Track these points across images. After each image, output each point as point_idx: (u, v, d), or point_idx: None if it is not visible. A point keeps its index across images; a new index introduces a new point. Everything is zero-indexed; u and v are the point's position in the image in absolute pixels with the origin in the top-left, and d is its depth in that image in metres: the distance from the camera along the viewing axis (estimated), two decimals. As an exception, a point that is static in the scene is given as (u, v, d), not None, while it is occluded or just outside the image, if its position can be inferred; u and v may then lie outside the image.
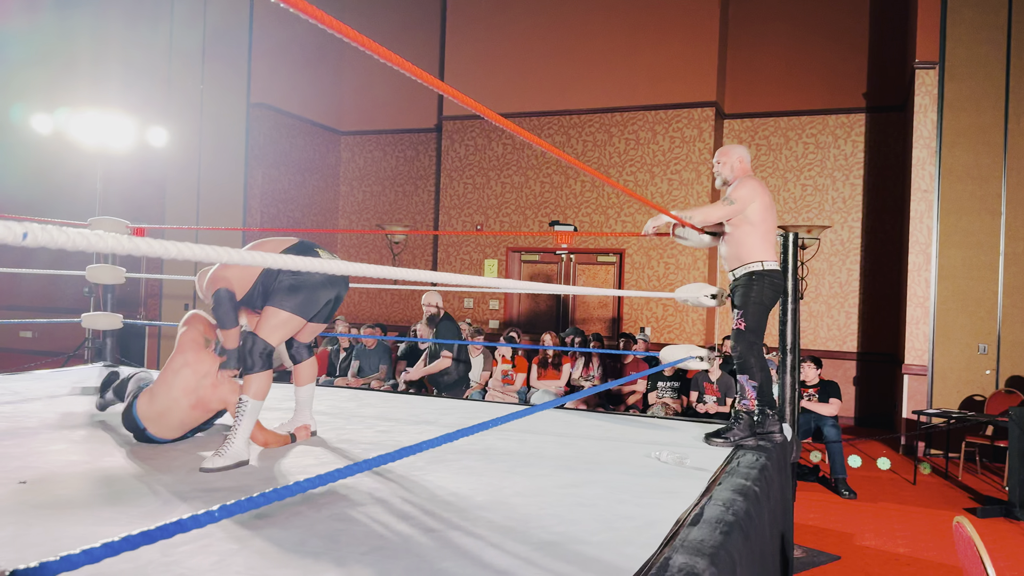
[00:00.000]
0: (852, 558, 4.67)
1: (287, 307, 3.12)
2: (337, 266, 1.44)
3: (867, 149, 9.71)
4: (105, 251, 0.83)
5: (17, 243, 0.73)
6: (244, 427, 2.99)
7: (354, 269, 1.47)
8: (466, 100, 1.74)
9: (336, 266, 1.44)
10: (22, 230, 0.72)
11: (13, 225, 0.71)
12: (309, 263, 1.34)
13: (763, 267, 3.66)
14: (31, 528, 2.11)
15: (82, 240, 0.78)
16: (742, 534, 2.44)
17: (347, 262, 1.52)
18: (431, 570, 1.89)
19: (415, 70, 1.51)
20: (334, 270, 1.41)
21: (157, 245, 0.89)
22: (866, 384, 9.63)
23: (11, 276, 12.71)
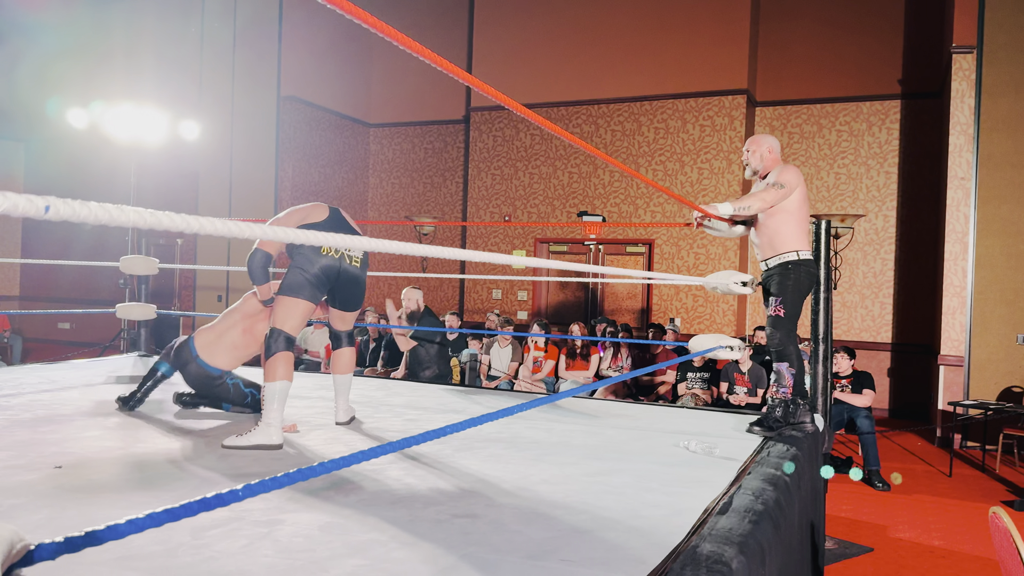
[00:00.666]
0: (885, 550, 4.61)
1: (292, 293, 3.27)
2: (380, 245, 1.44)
3: (902, 136, 9.52)
4: (127, 224, 0.84)
5: (40, 216, 0.74)
6: (270, 410, 3.06)
7: (396, 247, 1.46)
8: (493, 92, 1.73)
9: (380, 245, 1.44)
10: (44, 203, 0.72)
11: (35, 199, 0.72)
12: (341, 240, 1.34)
13: (798, 256, 3.61)
14: (65, 511, 2.14)
15: (104, 214, 0.78)
16: (772, 524, 2.41)
17: (391, 241, 1.51)
18: (458, 555, 1.89)
19: (443, 62, 1.50)
20: (380, 248, 1.42)
21: (179, 219, 0.89)
22: (901, 375, 9.47)
23: (49, 269, 12.97)
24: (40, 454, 2.78)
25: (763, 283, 3.80)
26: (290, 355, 3.22)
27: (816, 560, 3.69)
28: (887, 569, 4.31)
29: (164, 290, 11.34)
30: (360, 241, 1.41)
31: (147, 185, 9.25)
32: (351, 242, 1.36)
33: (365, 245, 1.43)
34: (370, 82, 12.28)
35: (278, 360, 3.16)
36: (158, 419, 3.58)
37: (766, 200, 3.53)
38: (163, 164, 10.50)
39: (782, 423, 3.63)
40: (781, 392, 3.67)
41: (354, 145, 12.10)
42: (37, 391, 4.23)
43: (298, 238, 1.26)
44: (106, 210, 0.80)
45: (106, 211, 0.80)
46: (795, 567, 2.97)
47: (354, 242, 1.36)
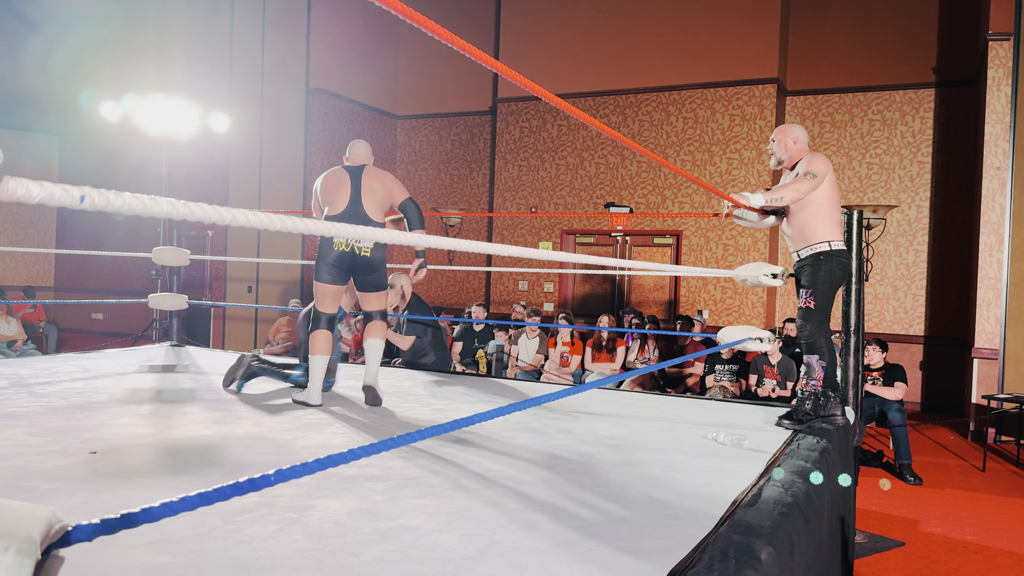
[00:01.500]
0: (916, 544, 4.55)
1: (318, 279, 3.85)
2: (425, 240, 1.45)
3: (936, 125, 9.35)
4: (160, 215, 0.85)
5: (76, 206, 0.75)
6: (314, 379, 3.72)
7: (442, 243, 1.47)
8: (522, 80, 1.72)
9: (423, 240, 1.44)
10: (79, 193, 0.73)
11: (71, 189, 0.72)
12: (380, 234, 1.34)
13: (831, 247, 3.56)
14: (100, 495, 2.18)
15: (138, 204, 0.79)
16: (801, 516, 2.39)
17: (430, 236, 1.52)
18: (487, 541, 1.90)
19: (472, 49, 1.50)
20: (411, 243, 1.42)
21: (212, 211, 0.90)
22: (933, 368, 9.33)
23: (83, 260, 13.20)
24: (75, 440, 2.83)
25: (795, 274, 3.76)
26: (327, 333, 3.83)
27: (846, 554, 3.66)
28: (918, 564, 4.26)
29: (195, 281, 11.48)
30: (370, 232, 1.42)
31: (178, 177, 9.37)
32: (360, 232, 1.37)
33: (376, 236, 1.43)
34: (397, 74, 12.31)
35: (316, 337, 3.81)
36: (189, 407, 3.64)
37: (799, 191, 3.48)
38: (194, 156, 10.62)
39: (812, 416, 3.59)
40: (811, 385, 3.63)
41: (381, 137, 12.15)
42: (72, 379, 4.31)
43: (318, 230, 1.27)
44: (139, 200, 0.81)
45: (139, 201, 0.81)
46: (825, 560, 2.95)
47: (363, 232, 1.37)
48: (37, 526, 0.66)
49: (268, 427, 3.21)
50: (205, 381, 4.46)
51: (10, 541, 0.63)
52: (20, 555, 0.63)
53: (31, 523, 0.66)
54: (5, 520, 0.64)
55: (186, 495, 0.88)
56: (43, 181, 0.73)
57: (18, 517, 0.65)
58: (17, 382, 4.14)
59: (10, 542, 0.63)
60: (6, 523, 0.64)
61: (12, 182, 0.71)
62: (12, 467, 2.45)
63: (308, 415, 3.50)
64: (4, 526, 0.64)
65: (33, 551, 0.64)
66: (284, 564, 1.72)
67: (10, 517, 0.65)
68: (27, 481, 2.29)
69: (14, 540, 0.63)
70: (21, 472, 2.39)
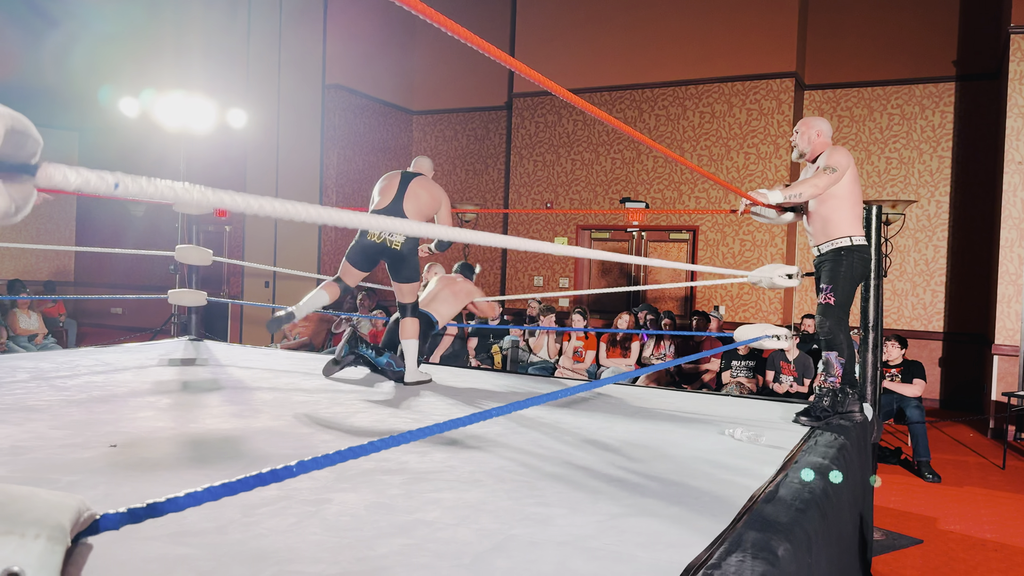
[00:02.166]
0: (935, 542, 4.52)
1: (346, 258, 4.28)
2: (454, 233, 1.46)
3: (956, 120, 9.25)
4: (191, 203, 0.86)
5: (109, 192, 0.76)
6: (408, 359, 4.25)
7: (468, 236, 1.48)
8: (537, 76, 1.72)
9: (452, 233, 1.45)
10: (114, 180, 0.74)
11: (106, 175, 0.74)
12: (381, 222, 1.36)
13: (852, 242, 3.54)
14: (120, 487, 2.21)
15: (170, 192, 0.80)
16: (819, 513, 2.38)
17: (459, 229, 1.53)
18: (504, 535, 1.90)
19: (486, 46, 1.50)
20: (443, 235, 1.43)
21: (240, 200, 0.91)
22: (952, 365, 9.25)
23: (102, 256, 13.33)
24: (95, 433, 2.86)
25: (815, 269, 3.73)
26: (335, 284, 4.27)
27: (864, 551, 3.64)
28: (937, 561, 4.23)
29: (213, 277, 11.56)
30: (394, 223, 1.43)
31: (196, 172, 9.44)
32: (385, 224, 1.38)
33: (401, 228, 1.44)
34: (413, 69, 12.32)
35: (328, 283, 4.27)
36: (208, 401, 3.67)
37: (818, 186, 3.46)
38: (211, 152, 10.69)
39: (830, 412, 3.57)
40: (829, 381, 3.61)
41: (397, 132, 12.17)
42: (92, 373, 4.35)
43: (352, 222, 1.27)
44: (171, 188, 0.82)
45: (171, 189, 0.82)
46: (843, 557, 2.93)
47: (389, 224, 1.38)
48: (67, 514, 0.67)
49: (286, 421, 3.23)
50: (224, 374, 4.50)
51: (41, 529, 0.64)
52: (51, 542, 0.64)
53: (61, 511, 0.67)
54: (35, 508, 0.65)
55: (211, 485, 0.89)
56: (79, 168, 0.74)
57: (48, 505, 0.66)
58: (38, 375, 4.18)
59: (41, 529, 0.64)
60: (36, 511, 0.65)
61: (50, 168, 0.72)
62: (34, 460, 2.48)
63: (326, 409, 3.53)
64: (34, 514, 0.65)
65: (63, 539, 0.65)
66: (302, 557, 1.74)
67: (40, 505, 0.66)
68: (48, 474, 2.32)
69: (45, 528, 0.64)
70: (43, 465, 2.42)
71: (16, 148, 0.71)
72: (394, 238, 4.12)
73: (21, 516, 0.64)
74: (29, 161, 0.74)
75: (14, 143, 0.70)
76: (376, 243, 4.14)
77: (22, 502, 0.66)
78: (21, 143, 0.71)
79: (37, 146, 0.75)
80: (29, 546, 0.63)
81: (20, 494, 0.67)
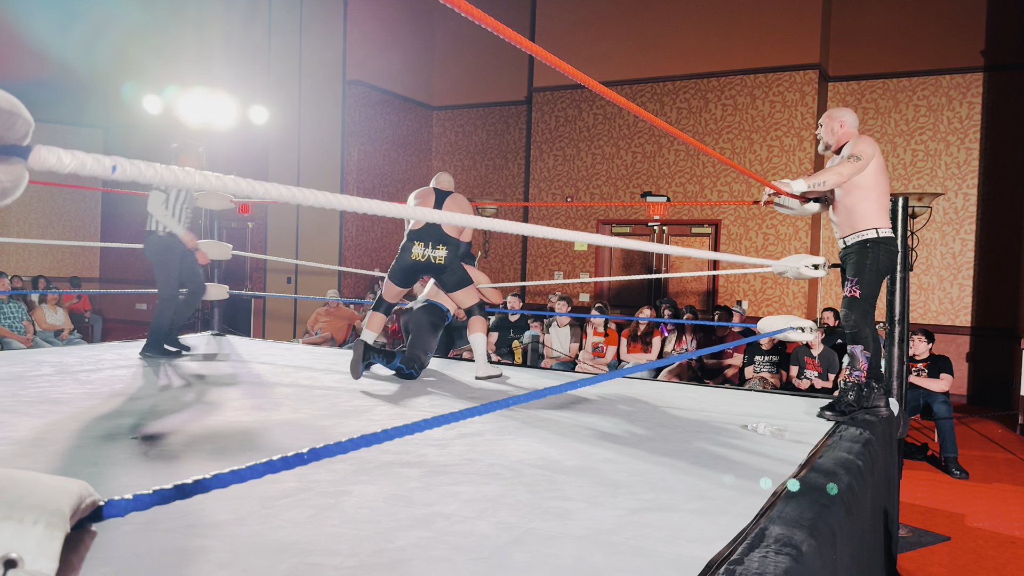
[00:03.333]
0: (962, 539, 4.44)
1: (389, 276, 4.48)
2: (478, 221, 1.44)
3: (984, 111, 9.08)
4: (192, 187, 0.84)
5: (107, 175, 0.75)
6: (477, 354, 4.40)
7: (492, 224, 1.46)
8: (569, 69, 1.69)
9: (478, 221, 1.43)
10: (111, 163, 0.73)
11: (103, 159, 0.72)
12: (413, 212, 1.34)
13: (878, 234, 3.47)
14: (142, 479, 2.22)
15: (169, 175, 0.79)
16: (844, 508, 2.33)
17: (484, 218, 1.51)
18: (523, 529, 1.88)
19: (512, 34, 1.47)
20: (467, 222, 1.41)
21: (244, 184, 0.89)
22: (980, 360, 9.10)
23: (126, 252, 13.46)
24: (117, 425, 2.88)
25: (840, 261, 3.67)
26: (380, 315, 4.54)
27: (889, 547, 3.58)
28: (964, 559, 4.15)
29: (236, 273, 11.64)
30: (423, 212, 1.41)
31: (218, 168, 9.50)
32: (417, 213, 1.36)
33: (429, 216, 1.42)
34: (433, 65, 12.32)
35: (372, 317, 4.53)
36: (229, 394, 3.68)
37: (842, 174, 3.40)
38: (233, 148, 10.75)
39: (855, 407, 3.51)
40: (855, 375, 3.55)
41: (417, 128, 12.17)
42: (115, 367, 4.39)
43: (388, 210, 1.26)
44: (171, 171, 0.80)
45: (171, 172, 0.80)
46: (867, 553, 2.88)
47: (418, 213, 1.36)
48: (67, 499, 0.66)
49: (306, 413, 3.23)
50: (245, 368, 4.51)
51: (39, 514, 0.63)
52: (49, 528, 0.63)
53: (61, 496, 0.65)
54: (34, 493, 0.64)
55: (219, 472, 0.88)
56: (75, 151, 0.73)
57: (48, 490, 0.65)
58: (63, 369, 4.22)
59: (39, 515, 0.63)
60: (35, 496, 0.64)
61: (43, 150, 0.71)
62: (56, 452, 2.49)
63: (346, 402, 3.52)
64: (33, 499, 0.64)
65: (63, 524, 0.64)
66: (320, 549, 1.73)
67: (40, 490, 0.65)
68: (71, 465, 2.33)
69: (43, 513, 0.63)
70: (65, 457, 2.44)
71: (5, 129, 0.69)
72: (436, 254, 4.31)
73: (20, 501, 0.63)
74: (20, 143, 0.72)
75: (2, 123, 0.69)
76: (420, 262, 4.32)
77: (22, 487, 0.64)
78: (9, 123, 0.70)
79: (27, 127, 0.73)
80: (27, 531, 0.62)
81: (20, 479, 0.66)
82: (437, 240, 4.32)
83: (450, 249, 4.35)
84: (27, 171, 0.74)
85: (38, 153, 0.72)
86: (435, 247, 4.33)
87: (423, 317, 4.45)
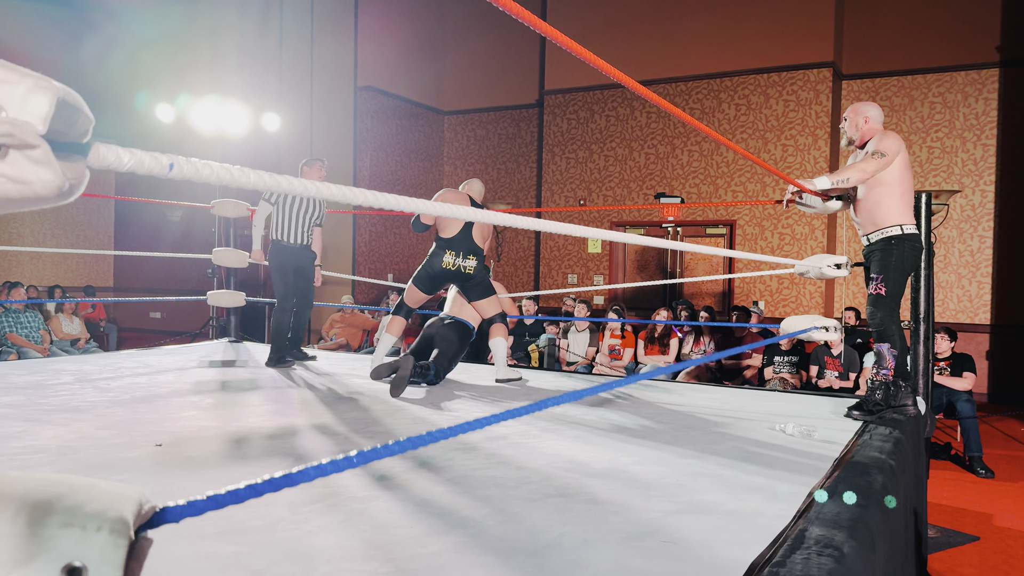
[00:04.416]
0: (992, 539, 4.37)
1: (413, 282, 4.50)
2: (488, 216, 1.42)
3: (1001, 106, 9.00)
4: (246, 185, 0.83)
5: (164, 174, 0.73)
6: (498, 358, 4.44)
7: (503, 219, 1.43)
8: (606, 67, 1.66)
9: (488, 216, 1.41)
10: (168, 161, 0.71)
11: (160, 157, 0.70)
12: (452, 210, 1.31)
13: (902, 231, 3.42)
14: (168, 486, 2.20)
15: (225, 173, 0.77)
16: (879, 508, 2.29)
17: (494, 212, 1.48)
18: (555, 533, 1.85)
19: (521, 11, 1.45)
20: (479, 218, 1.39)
21: (283, 181, 0.87)
22: (1001, 358, 9.00)
23: (140, 261, 13.51)
24: (141, 432, 2.86)
25: (864, 259, 3.62)
26: (400, 319, 4.56)
27: (920, 548, 3.53)
28: (995, 559, 4.09)
29: (251, 280, 11.66)
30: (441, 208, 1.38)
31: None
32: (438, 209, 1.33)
33: (453, 213, 1.40)
34: (443, 70, 12.31)
35: (393, 321, 4.58)
36: (250, 400, 3.67)
37: (865, 171, 3.35)
38: (245, 155, 10.77)
39: (883, 406, 3.46)
40: (882, 374, 3.50)
41: (429, 133, 12.17)
42: (135, 374, 4.38)
43: (414, 206, 1.24)
44: (227, 170, 0.79)
45: (227, 171, 0.78)
46: (900, 555, 2.84)
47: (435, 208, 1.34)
48: (128, 506, 0.63)
49: (328, 419, 3.21)
50: (264, 374, 4.50)
51: (103, 521, 0.61)
52: (113, 535, 0.60)
53: (122, 503, 0.63)
54: (96, 500, 0.62)
55: (272, 476, 0.86)
56: (132, 149, 0.71)
57: (109, 497, 0.63)
58: (82, 377, 4.22)
59: (103, 522, 0.60)
60: (97, 503, 0.62)
61: (103, 148, 0.69)
62: (81, 459, 2.48)
63: (368, 407, 3.50)
64: (95, 506, 0.61)
65: (126, 531, 0.62)
66: (355, 555, 1.70)
67: (101, 497, 0.62)
68: (96, 473, 2.32)
69: (107, 520, 0.61)
70: (90, 464, 2.42)
71: (68, 124, 0.67)
72: (467, 264, 4.35)
73: (82, 508, 0.60)
74: (81, 140, 0.70)
75: (66, 119, 0.67)
76: (450, 270, 4.36)
77: (82, 493, 0.62)
78: (73, 119, 0.68)
79: (89, 124, 0.72)
80: (91, 539, 0.59)
81: (80, 485, 0.63)
82: (468, 250, 4.35)
83: (479, 259, 4.41)
84: (88, 169, 0.72)
85: (97, 151, 0.70)
86: (466, 256, 4.36)
87: (451, 333, 4.46)
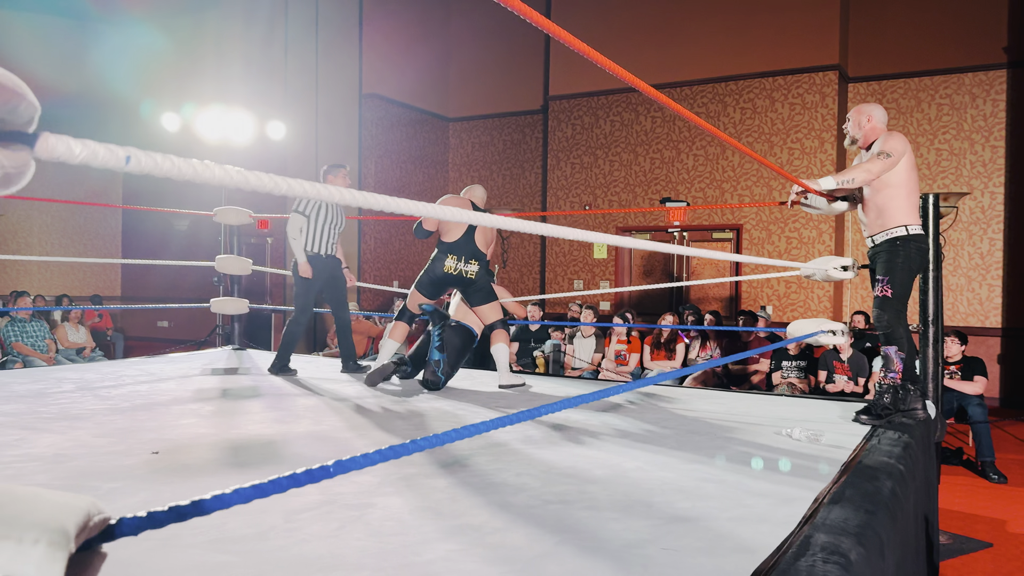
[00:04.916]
0: (1005, 545, 4.30)
1: (416, 286, 4.54)
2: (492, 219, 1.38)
3: (1009, 108, 8.92)
4: (213, 182, 0.79)
5: (120, 166, 0.69)
6: (500, 364, 4.44)
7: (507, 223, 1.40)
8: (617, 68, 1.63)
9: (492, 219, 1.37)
10: (124, 154, 0.68)
11: (116, 149, 0.67)
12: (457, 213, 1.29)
13: (908, 232, 3.37)
14: (161, 494, 2.16)
15: (188, 169, 0.73)
16: (888, 514, 2.24)
17: (500, 217, 1.45)
18: (554, 541, 1.81)
19: (535, 16, 1.41)
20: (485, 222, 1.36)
21: (267, 179, 0.83)
22: (1012, 362, 8.90)
23: (147, 270, 13.54)
24: (138, 440, 2.83)
25: (870, 261, 3.57)
26: (403, 325, 4.58)
27: (931, 555, 3.46)
28: (1009, 566, 4.01)
29: (256, 289, 11.65)
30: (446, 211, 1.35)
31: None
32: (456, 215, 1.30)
33: (459, 216, 1.36)
34: (448, 77, 12.31)
35: (395, 327, 4.57)
36: (250, 407, 3.63)
37: (871, 171, 3.31)
38: (251, 163, 10.70)
39: (891, 410, 3.40)
40: (890, 377, 3.44)
41: (434, 140, 12.16)
42: (136, 382, 4.36)
43: (417, 209, 1.20)
44: (190, 165, 0.75)
45: (190, 166, 0.75)
46: (911, 562, 2.78)
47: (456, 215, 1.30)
48: (72, 517, 0.60)
49: (328, 426, 3.18)
50: (266, 382, 4.47)
51: (41, 533, 0.57)
52: (51, 548, 0.56)
53: (66, 514, 0.59)
54: (36, 511, 0.58)
55: (239, 487, 0.82)
56: (86, 140, 0.67)
57: (52, 507, 0.59)
58: (83, 385, 4.20)
59: (41, 534, 0.57)
60: (37, 514, 0.58)
61: (51, 138, 0.66)
62: (76, 467, 2.45)
63: (367, 413, 3.47)
64: (34, 517, 0.58)
65: (66, 544, 0.58)
66: (346, 563, 1.66)
67: (43, 507, 0.59)
68: (90, 481, 2.28)
69: (45, 532, 0.57)
70: (84, 472, 2.39)
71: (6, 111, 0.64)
72: (469, 268, 4.38)
73: (20, 519, 0.56)
74: (25, 128, 0.67)
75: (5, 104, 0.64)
76: (452, 275, 4.38)
77: (22, 503, 0.58)
78: (13, 105, 0.65)
79: (33, 111, 0.68)
80: (27, 552, 0.55)
81: (22, 495, 0.60)
82: (470, 255, 4.37)
83: (481, 264, 4.43)
84: (33, 160, 0.68)
85: (46, 141, 0.66)
86: (468, 261, 4.39)
87: (454, 338, 4.43)
